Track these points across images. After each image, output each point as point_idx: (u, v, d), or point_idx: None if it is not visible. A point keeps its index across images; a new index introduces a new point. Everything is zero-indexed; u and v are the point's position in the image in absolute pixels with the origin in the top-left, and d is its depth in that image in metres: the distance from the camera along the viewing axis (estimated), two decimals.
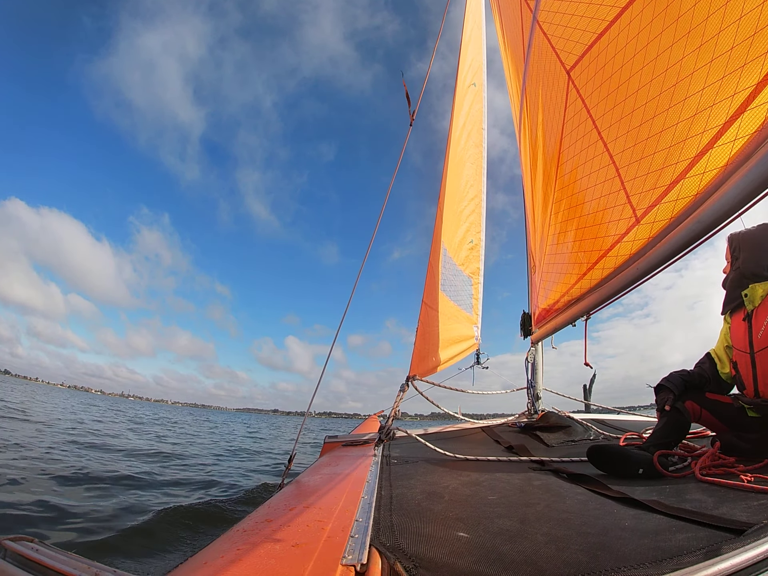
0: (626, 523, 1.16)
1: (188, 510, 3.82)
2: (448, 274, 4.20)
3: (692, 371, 2.31)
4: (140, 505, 4.04)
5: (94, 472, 5.14)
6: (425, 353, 3.57)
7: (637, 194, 1.91)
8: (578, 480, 1.73)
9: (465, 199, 4.65)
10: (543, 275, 3.28)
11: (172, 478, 5.49)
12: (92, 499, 4.09)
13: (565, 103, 2.29)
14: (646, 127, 1.76)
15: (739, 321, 2.10)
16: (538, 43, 2.45)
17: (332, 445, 3.04)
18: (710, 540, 0.97)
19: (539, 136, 2.87)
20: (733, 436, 2.02)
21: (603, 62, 1.90)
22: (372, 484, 1.63)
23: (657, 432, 2.10)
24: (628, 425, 3.52)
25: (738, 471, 1.63)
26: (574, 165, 2.37)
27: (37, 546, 0.64)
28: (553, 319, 3.32)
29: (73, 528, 3.23)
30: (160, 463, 6.65)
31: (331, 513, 1.27)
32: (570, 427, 3.15)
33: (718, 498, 1.37)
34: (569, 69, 2.16)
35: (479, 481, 1.81)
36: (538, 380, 4.21)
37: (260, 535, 1.12)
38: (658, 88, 1.67)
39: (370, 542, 1.00)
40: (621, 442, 2.54)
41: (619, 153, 1.96)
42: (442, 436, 3.38)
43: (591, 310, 2.70)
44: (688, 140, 1.61)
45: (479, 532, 1.12)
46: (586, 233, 2.38)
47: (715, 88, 1.48)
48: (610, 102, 1.92)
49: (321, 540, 1.01)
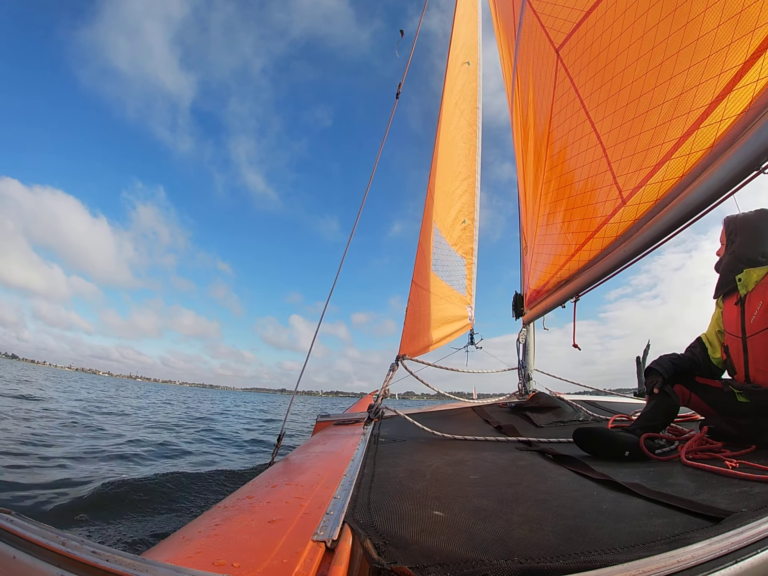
0: (604, 506, 1.16)
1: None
2: (441, 254, 4.19)
3: (682, 355, 2.31)
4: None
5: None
6: (415, 333, 3.57)
7: (623, 175, 1.89)
8: (563, 461, 1.73)
9: (457, 179, 4.59)
10: (534, 256, 3.27)
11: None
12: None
13: (554, 83, 2.25)
14: (633, 106, 1.73)
15: (731, 305, 2.10)
16: (528, 21, 2.40)
17: (324, 423, 3.07)
18: (687, 526, 0.96)
19: (530, 116, 2.82)
20: (721, 420, 2.03)
21: (590, 41, 1.86)
22: (356, 462, 1.64)
23: (645, 414, 2.11)
24: (618, 407, 3.55)
25: (724, 456, 1.62)
26: (562, 145, 2.34)
27: (12, 518, 0.67)
28: (543, 300, 3.32)
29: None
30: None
31: (312, 490, 1.29)
32: (560, 407, 3.17)
33: (701, 483, 1.36)
34: (558, 47, 2.12)
35: (464, 460, 1.82)
36: (529, 361, 4.24)
37: (239, 510, 1.15)
38: (644, 67, 1.64)
39: (344, 519, 1.01)
40: (609, 424, 2.56)
41: (606, 133, 1.93)
42: (433, 415, 3.40)
43: (580, 291, 2.70)
44: (673, 120, 1.59)
45: (455, 511, 1.13)
46: (575, 214, 2.36)
47: (701, 66, 1.45)
48: (598, 81, 1.88)
49: (297, 516, 1.03)
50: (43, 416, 8.14)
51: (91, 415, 9.57)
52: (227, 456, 6.26)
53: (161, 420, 10.73)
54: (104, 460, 5.03)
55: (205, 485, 4.01)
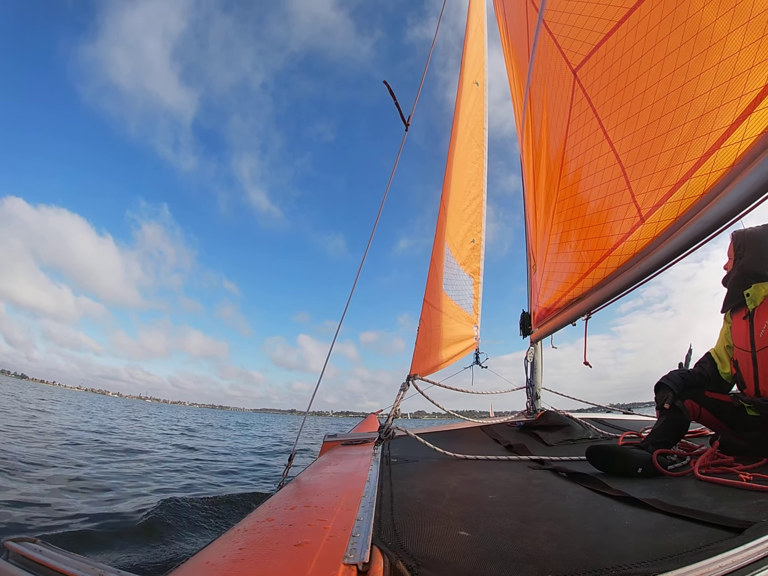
0: (626, 521, 1.17)
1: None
2: (450, 273, 4.20)
3: (692, 370, 2.32)
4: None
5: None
6: (426, 352, 3.56)
7: (642, 193, 1.91)
8: (577, 479, 1.73)
9: (467, 199, 4.65)
10: (544, 274, 3.28)
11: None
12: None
13: (571, 103, 2.29)
14: (653, 126, 1.76)
15: (740, 320, 2.12)
16: (543, 42, 2.45)
17: (332, 444, 3.04)
18: (710, 538, 0.97)
19: (543, 135, 2.86)
20: (732, 435, 2.03)
21: (610, 62, 1.90)
22: (372, 483, 1.63)
23: (656, 431, 2.11)
24: (626, 424, 3.55)
25: (737, 470, 1.63)
26: (578, 164, 2.37)
27: (40, 547, 0.64)
28: (553, 318, 3.32)
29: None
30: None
31: (332, 512, 1.27)
32: (569, 426, 3.16)
33: (718, 497, 1.37)
34: (575, 68, 2.16)
35: (479, 479, 1.82)
36: (537, 379, 4.22)
37: (262, 534, 1.12)
38: (665, 89, 1.67)
39: (372, 541, 1.00)
40: (620, 441, 2.58)
41: (625, 152, 1.95)
42: (441, 435, 3.39)
43: (592, 309, 2.70)
44: (694, 140, 1.61)
45: (480, 530, 1.12)
46: (590, 232, 2.37)
47: (723, 89, 1.48)
48: (617, 102, 1.91)
49: (323, 539, 1.01)
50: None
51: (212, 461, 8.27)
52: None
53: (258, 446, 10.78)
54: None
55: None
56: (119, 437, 9.75)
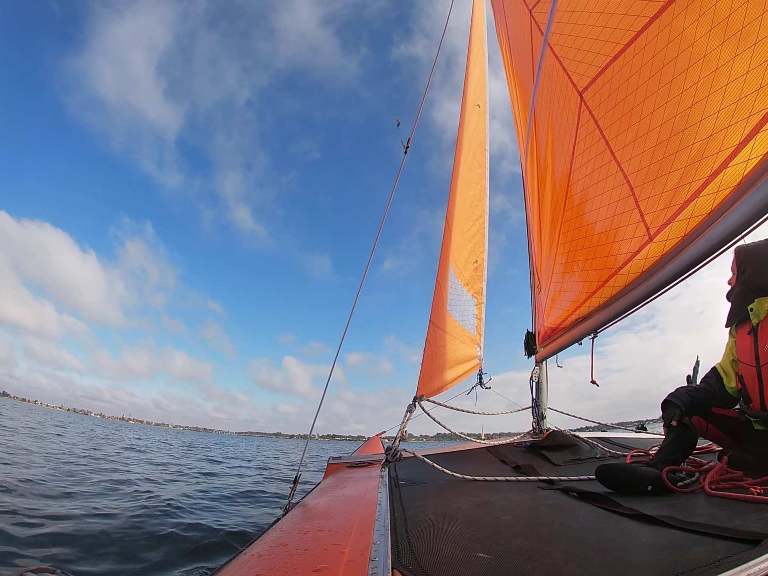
0: (642, 538, 1.17)
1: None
2: (455, 294, 4.23)
3: (698, 386, 2.32)
4: None
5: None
6: (432, 373, 3.54)
7: (651, 213, 1.93)
8: (588, 498, 1.72)
9: (470, 220, 4.70)
10: (550, 294, 3.29)
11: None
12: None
13: (577, 124, 2.33)
14: (662, 147, 1.79)
15: (744, 335, 2.12)
16: (548, 65, 2.51)
17: (336, 466, 3.01)
18: (729, 551, 0.97)
19: (548, 157, 2.91)
20: (740, 449, 2.03)
21: (617, 84, 1.95)
22: (384, 506, 1.62)
23: (664, 448, 2.10)
24: (633, 443, 3.53)
25: (747, 484, 1.63)
26: (586, 184, 2.40)
27: None
28: (559, 337, 3.32)
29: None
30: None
31: (347, 536, 1.25)
32: (576, 445, 3.13)
33: (730, 511, 1.37)
34: (582, 90, 2.21)
35: (490, 501, 1.80)
36: (543, 399, 4.19)
37: (278, 559, 1.10)
38: (673, 110, 1.71)
39: (392, 565, 0.99)
40: (628, 460, 2.58)
41: (633, 172, 1.99)
42: (448, 456, 3.35)
43: (599, 328, 2.70)
44: (703, 160, 1.64)
45: (498, 552, 1.11)
46: (598, 252, 2.40)
47: (731, 110, 1.52)
48: (625, 123, 1.96)
49: (341, 564, 1.00)
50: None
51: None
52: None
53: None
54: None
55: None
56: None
